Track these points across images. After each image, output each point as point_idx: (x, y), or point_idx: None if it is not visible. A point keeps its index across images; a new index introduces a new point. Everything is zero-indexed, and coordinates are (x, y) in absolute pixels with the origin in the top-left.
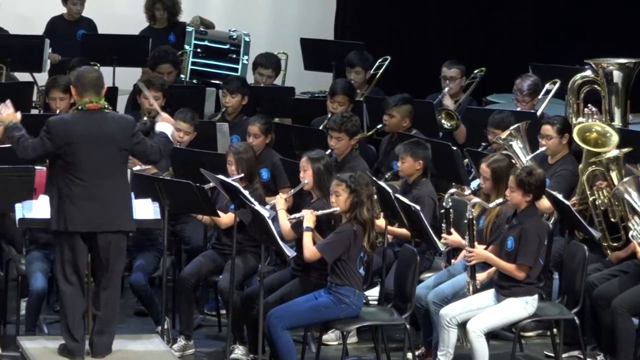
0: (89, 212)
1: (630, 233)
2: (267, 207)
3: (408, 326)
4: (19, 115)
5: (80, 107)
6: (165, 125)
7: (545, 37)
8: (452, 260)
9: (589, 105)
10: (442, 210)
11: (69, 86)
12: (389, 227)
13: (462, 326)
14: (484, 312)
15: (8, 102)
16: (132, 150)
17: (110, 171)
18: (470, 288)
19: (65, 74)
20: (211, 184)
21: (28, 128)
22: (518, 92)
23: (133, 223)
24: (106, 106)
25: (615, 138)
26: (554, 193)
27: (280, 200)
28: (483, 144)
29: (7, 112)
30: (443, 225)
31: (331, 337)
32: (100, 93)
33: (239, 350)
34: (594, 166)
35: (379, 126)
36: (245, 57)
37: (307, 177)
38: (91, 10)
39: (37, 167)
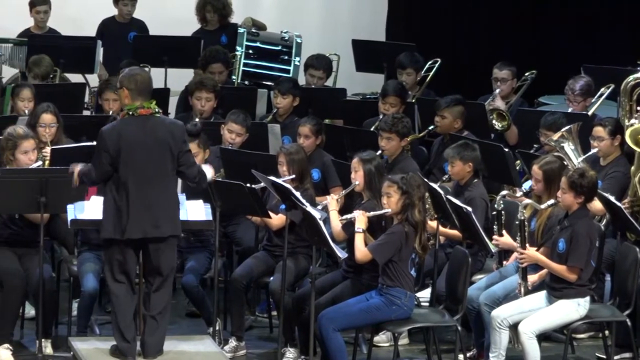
0: (140, 218)
1: None
2: (319, 207)
3: (459, 328)
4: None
5: (131, 112)
6: (207, 168)
7: (598, 38)
8: (504, 262)
9: None
10: (494, 212)
11: None
12: (441, 229)
13: (514, 328)
14: (536, 314)
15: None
16: (179, 156)
17: (161, 177)
18: (522, 290)
19: (117, 75)
20: (262, 185)
21: (80, 129)
22: (570, 92)
23: (180, 227)
24: (157, 110)
25: None
26: (606, 195)
27: (332, 201)
28: (535, 145)
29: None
30: (495, 226)
31: (382, 339)
32: (150, 97)
33: (290, 352)
34: None
35: (430, 127)
36: (297, 59)
37: (358, 178)
38: (143, 12)
39: None
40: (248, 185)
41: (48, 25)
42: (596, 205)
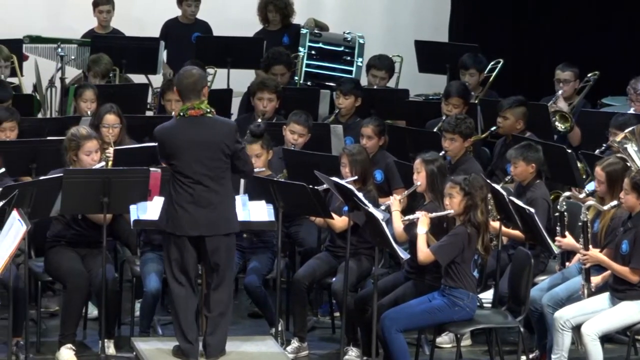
0: (195, 216)
1: None
2: (382, 208)
3: (522, 329)
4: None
5: (182, 114)
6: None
7: None
8: (567, 263)
9: None
10: (557, 213)
11: None
12: (503, 230)
13: (577, 329)
14: (599, 315)
15: None
16: (234, 155)
17: (214, 176)
18: (585, 291)
19: None
20: (325, 186)
21: (143, 130)
22: (632, 93)
23: (237, 224)
24: (208, 110)
25: None
26: None
27: (395, 202)
28: (604, 145)
29: None
30: (557, 228)
31: (445, 340)
32: (200, 96)
33: (352, 353)
34: None
35: (493, 128)
36: (360, 59)
37: (420, 179)
38: (206, 13)
39: (151, 169)
40: (310, 186)
41: (112, 25)
42: None
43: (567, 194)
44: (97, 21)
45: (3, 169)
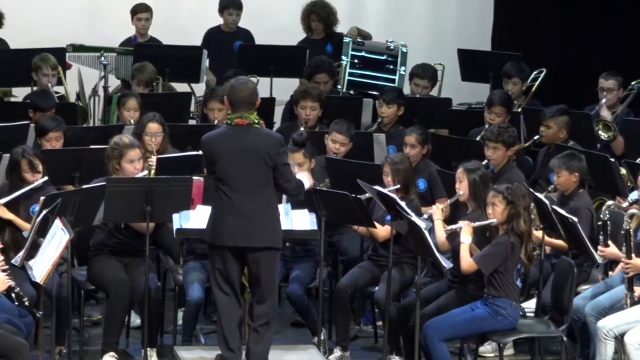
0: (234, 227)
1: None
2: (424, 216)
3: (565, 338)
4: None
5: (229, 122)
6: (305, 177)
7: None
8: (610, 272)
9: None
10: (600, 222)
11: None
12: (546, 239)
13: (620, 338)
14: None
15: None
16: (276, 168)
17: (256, 187)
18: (628, 300)
19: (222, 84)
20: (368, 195)
21: (185, 138)
22: None
23: (280, 240)
24: (256, 121)
25: None
26: None
27: (437, 211)
28: None
29: None
30: (600, 237)
31: (487, 349)
32: (252, 108)
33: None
34: None
35: (536, 137)
36: (402, 68)
37: (462, 188)
38: (248, 22)
39: (194, 178)
40: (353, 195)
41: (150, 33)
42: None
43: (609, 202)
44: (136, 29)
45: (46, 178)
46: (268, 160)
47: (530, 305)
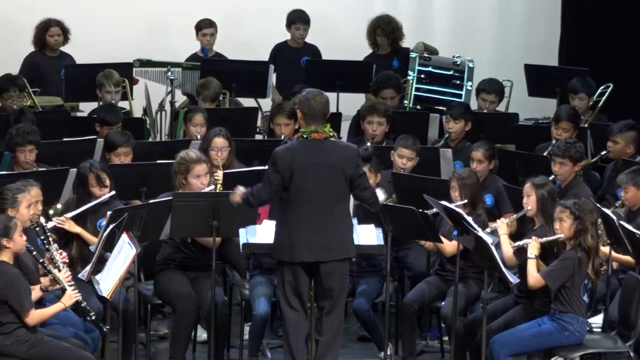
0: (313, 242)
1: None
2: (487, 230)
3: (632, 354)
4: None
5: (305, 136)
6: (380, 192)
7: None
8: None
9: None
10: None
11: (294, 112)
12: (613, 254)
13: None
14: None
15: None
16: (354, 180)
17: (334, 200)
18: None
19: (289, 99)
20: (434, 210)
21: (252, 153)
22: None
23: (354, 249)
24: (331, 134)
25: None
26: None
27: (503, 225)
28: None
29: (235, 193)
30: None
31: None
32: (325, 120)
33: None
34: None
35: (603, 153)
36: (469, 83)
37: (530, 203)
38: (315, 37)
39: None
40: (420, 210)
41: (215, 49)
42: None
43: None
44: (201, 44)
45: (113, 192)
46: (347, 173)
47: (597, 320)
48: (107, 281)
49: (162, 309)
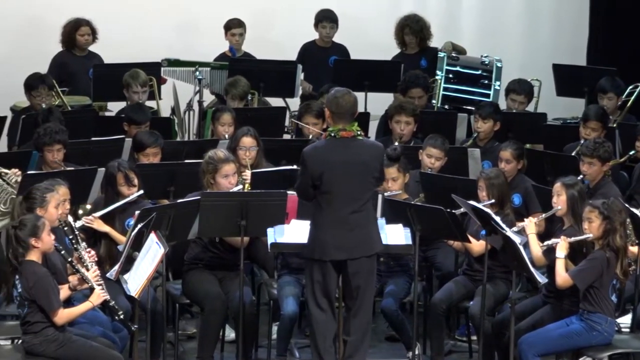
0: (342, 239)
1: None
2: (514, 229)
3: None
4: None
5: (333, 134)
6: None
7: None
8: None
9: None
10: None
11: (322, 112)
12: None
13: None
14: None
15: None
16: (381, 177)
17: (362, 198)
18: None
19: (317, 99)
20: (462, 210)
21: (280, 153)
22: None
23: (381, 243)
24: (359, 132)
25: None
26: None
27: (530, 224)
28: None
29: None
30: None
31: None
32: (352, 119)
33: None
34: None
35: (631, 152)
36: (497, 83)
37: (560, 202)
38: (343, 36)
39: (289, 192)
40: (448, 209)
41: (243, 48)
42: None
43: None
44: (229, 44)
45: (141, 191)
46: (375, 172)
47: (625, 320)
48: (136, 280)
49: (190, 308)
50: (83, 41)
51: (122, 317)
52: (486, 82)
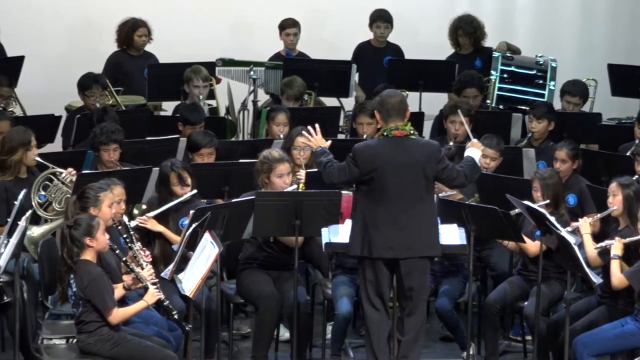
0: (392, 238)
1: None
2: (568, 229)
3: None
4: (328, 142)
5: (385, 134)
6: (473, 151)
7: None
8: None
9: None
10: None
11: None
12: None
13: None
14: None
15: (317, 127)
16: (438, 176)
17: (415, 197)
18: None
19: (372, 99)
20: (517, 210)
21: (335, 153)
22: None
23: (439, 248)
24: (412, 132)
25: None
26: None
27: (585, 224)
28: None
29: (316, 137)
30: None
31: None
32: (404, 117)
33: None
34: None
35: None
36: (552, 83)
37: (616, 203)
38: (398, 37)
39: (343, 192)
40: (502, 210)
41: (298, 48)
42: None
43: None
44: (284, 44)
45: (195, 191)
46: (428, 171)
47: None
48: (190, 280)
49: (245, 308)
50: (140, 42)
51: (176, 316)
52: (541, 82)
